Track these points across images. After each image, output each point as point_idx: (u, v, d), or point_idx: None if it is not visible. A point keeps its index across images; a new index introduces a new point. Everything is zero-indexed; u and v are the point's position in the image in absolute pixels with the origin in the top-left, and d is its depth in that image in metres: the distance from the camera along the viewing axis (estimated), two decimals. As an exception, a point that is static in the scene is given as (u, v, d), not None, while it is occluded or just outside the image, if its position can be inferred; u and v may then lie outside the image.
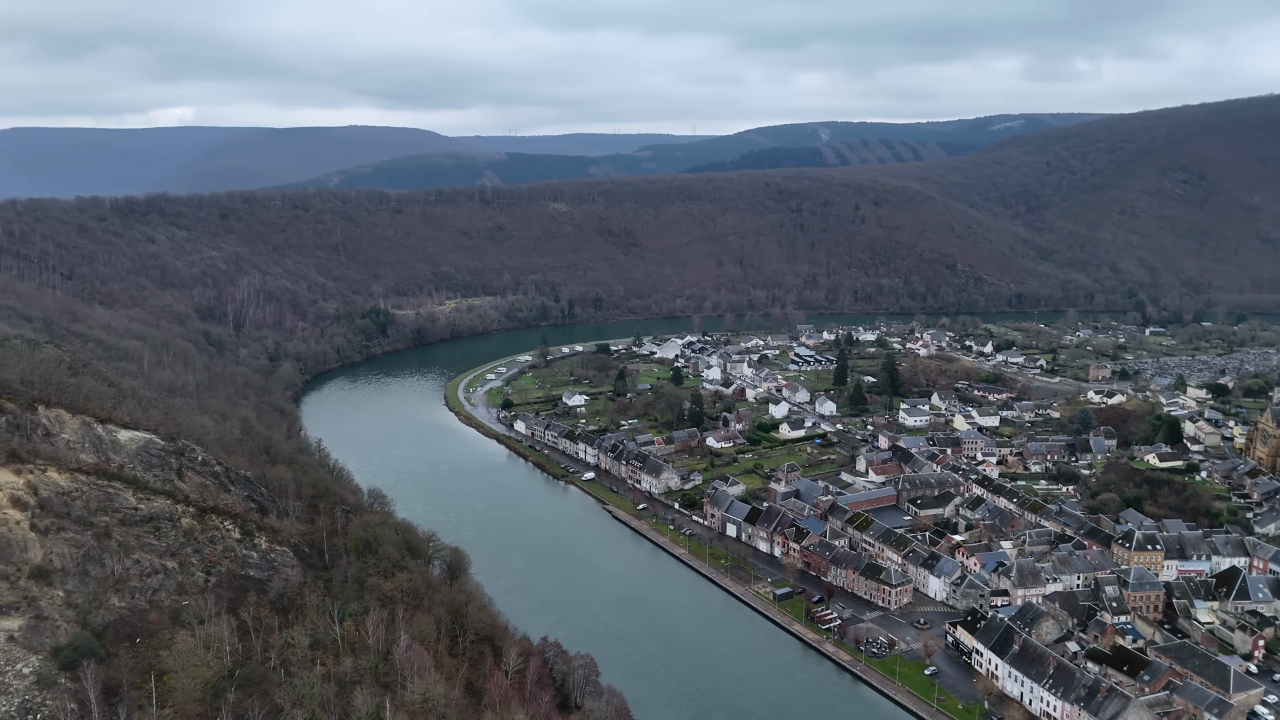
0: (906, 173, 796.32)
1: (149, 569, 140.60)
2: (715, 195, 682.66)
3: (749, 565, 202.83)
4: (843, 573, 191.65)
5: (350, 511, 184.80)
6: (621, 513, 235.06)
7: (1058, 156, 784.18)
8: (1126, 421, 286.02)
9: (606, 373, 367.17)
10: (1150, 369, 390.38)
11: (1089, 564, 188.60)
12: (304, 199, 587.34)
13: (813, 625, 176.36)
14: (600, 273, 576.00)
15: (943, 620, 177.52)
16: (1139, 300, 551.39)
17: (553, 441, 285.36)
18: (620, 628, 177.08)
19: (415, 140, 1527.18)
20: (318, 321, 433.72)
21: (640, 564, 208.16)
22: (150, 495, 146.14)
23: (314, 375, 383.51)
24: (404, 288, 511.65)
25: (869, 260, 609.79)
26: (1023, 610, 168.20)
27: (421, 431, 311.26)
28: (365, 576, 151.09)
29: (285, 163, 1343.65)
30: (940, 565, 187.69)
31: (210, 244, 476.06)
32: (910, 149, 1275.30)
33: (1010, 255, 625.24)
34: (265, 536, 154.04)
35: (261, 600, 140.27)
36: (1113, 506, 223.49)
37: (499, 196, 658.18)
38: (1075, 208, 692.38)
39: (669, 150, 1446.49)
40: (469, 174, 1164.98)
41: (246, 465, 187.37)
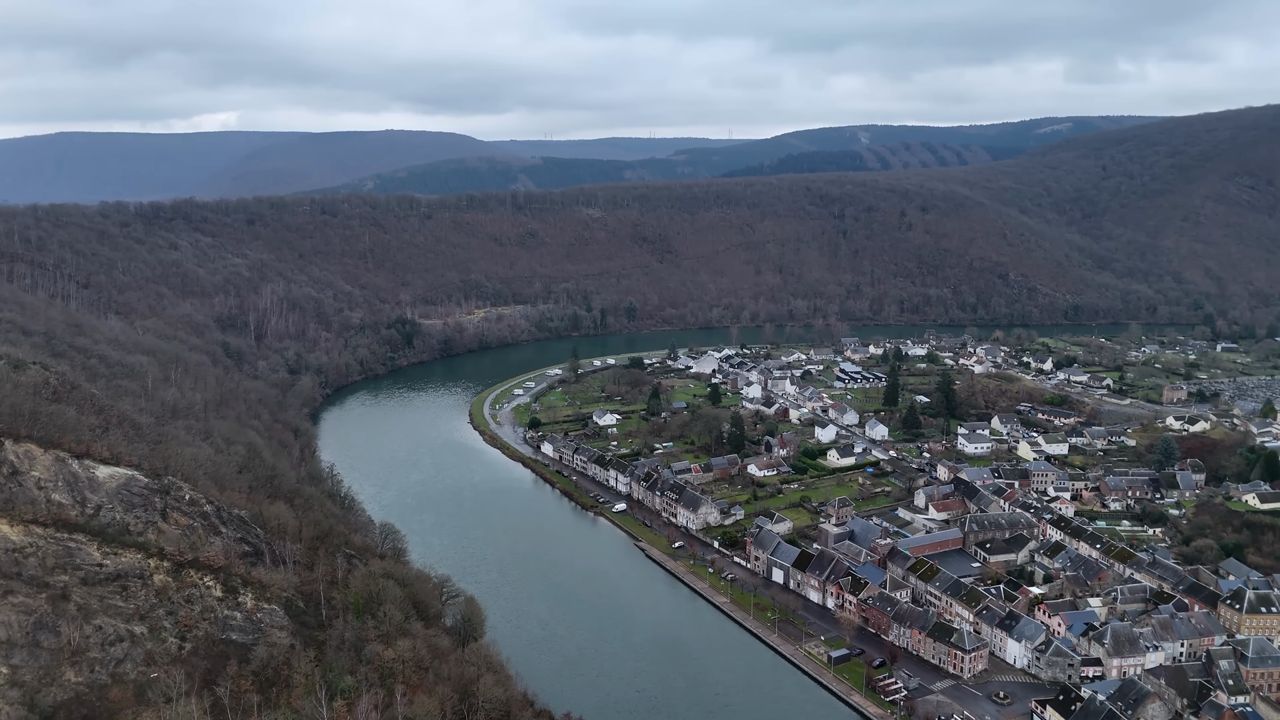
0: (953, 177, 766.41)
1: (112, 636, 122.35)
2: (754, 200, 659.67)
3: (798, 619, 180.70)
4: (907, 632, 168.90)
5: (355, 556, 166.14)
6: (655, 551, 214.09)
7: (1114, 160, 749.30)
8: (1214, 453, 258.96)
9: (639, 389, 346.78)
10: (1228, 390, 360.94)
11: (1194, 629, 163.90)
12: (333, 204, 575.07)
13: (874, 696, 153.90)
14: (634, 281, 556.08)
15: (1025, 694, 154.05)
16: (1207, 313, 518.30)
17: (581, 466, 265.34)
18: (656, 695, 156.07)
19: (451, 144, 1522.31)
20: (342, 331, 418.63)
21: (677, 614, 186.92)
22: (118, 549, 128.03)
23: (335, 389, 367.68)
24: (432, 296, 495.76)
25: (915, 269, 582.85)
26: (1123, 688, 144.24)
27: (444, 452, 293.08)
28: (364, 641, 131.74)
29: (322, 167, 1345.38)
30: (1020, 627, 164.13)
31: (235, 251, 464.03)
32: (954, 153, 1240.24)
33: (1066, 264, 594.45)
34: (251, 593, 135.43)
35: (243, 671, 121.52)
36: (1210, 555, 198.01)
37: (531, 202, 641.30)
38: (1134, 214, 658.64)
39: (705, 154, 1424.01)
40: (503, 178, 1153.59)
41: (242, 502, 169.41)
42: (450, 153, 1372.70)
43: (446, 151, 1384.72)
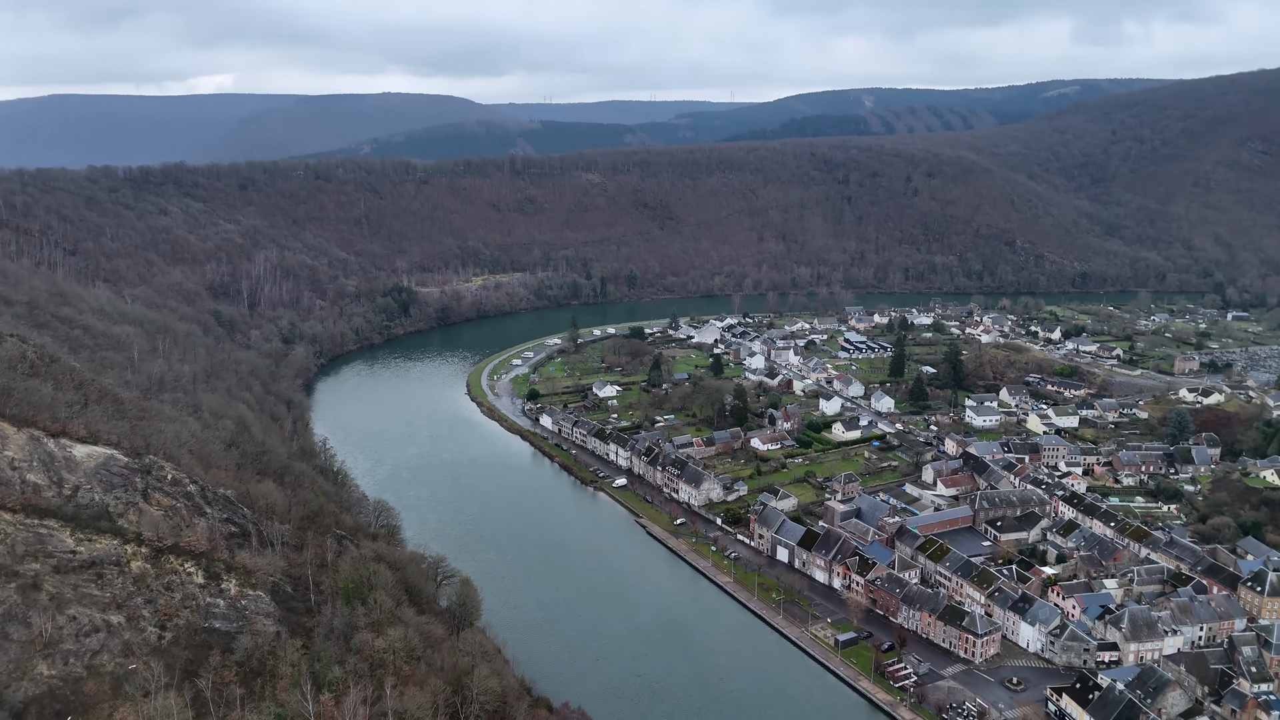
0: (960, 142, 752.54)
1: (87, 627, 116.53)
2: (756, 165, 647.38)
3: (804, 600, 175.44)
4: (916, 615, 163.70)
5: (346, 537, 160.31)
6: (657, 528, 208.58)
7: (1124, 125, 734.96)
8: (1229, 426, 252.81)
9: (640, 359, 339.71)
10: (1240, 360, 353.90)
11: (1214, 612, 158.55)
12: (327, 169, 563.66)
13: (883, 682, 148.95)
14: (634, 248, 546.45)
15: (1039, 680, 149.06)
16: (1217, 281, 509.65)
17: (581, 440, 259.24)
18: (658, 680, 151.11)
19: (449, 108, 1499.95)
20: (337, 300, 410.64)
21: (679, 594, 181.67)
22: (93, 535, 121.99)
23: (330, 359, 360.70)
24: (429, 263, 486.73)
25: (921, 236, 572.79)
26: (1142, 676, 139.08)
27: (440, 425, 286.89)
28: (354, 629, 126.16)
29: (319, 131, 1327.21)
30: (1034, 610, 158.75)
31: (227, 216, 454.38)
32: (960, 117, 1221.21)
33: (1074, 231, 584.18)
34: (235, 579, 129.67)
35: (226, 661, 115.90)
36: (1228, 534, 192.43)
37: (529, 167, 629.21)
38: (1144, 180, 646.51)
39: (707, 118, 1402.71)
40: (502, 143, 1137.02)
41: (229, 481, 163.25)
42: (448, 117, 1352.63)
43: (444, 115, 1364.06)
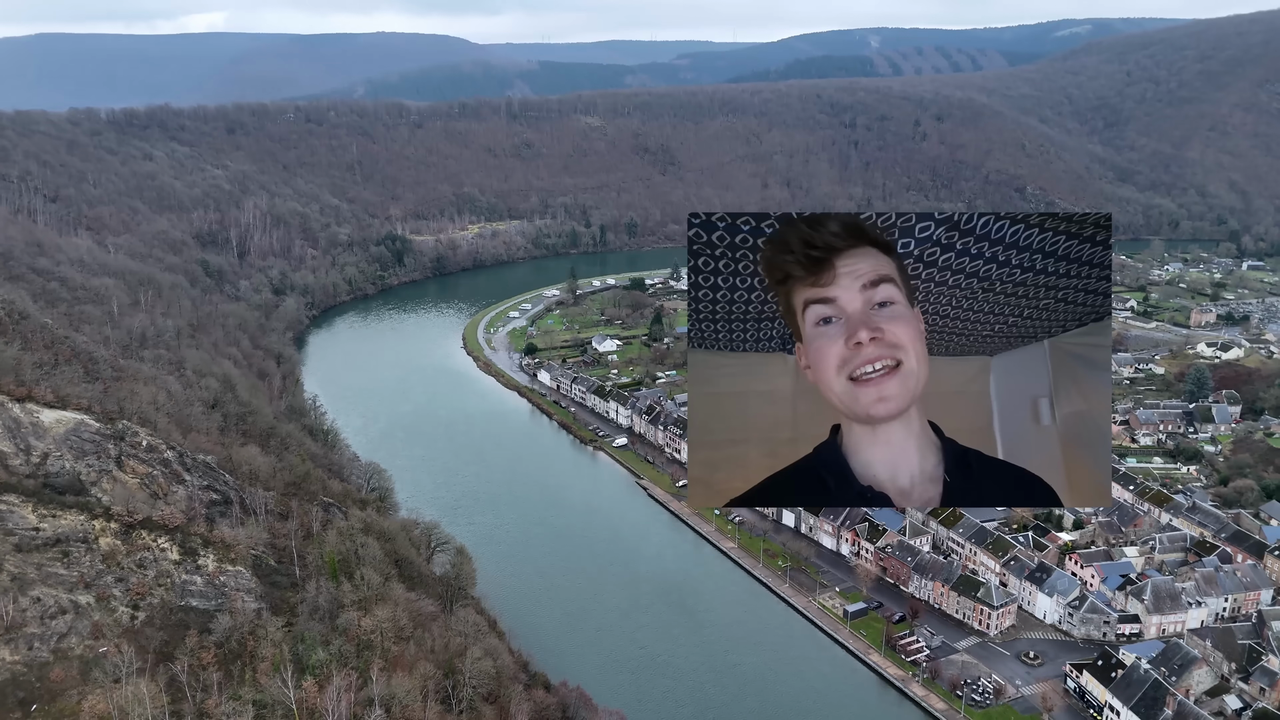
0: (970, 84, 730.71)
1: (53, 608, 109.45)
2: (761, 108, 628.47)
3: (811, 568, 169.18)
4: (929, 584, 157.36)
5: (333, 504, 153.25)
6: (658, 490, 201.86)
7: (1139, 66, 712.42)
8: (1250, 383, 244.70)
9: (641, 312, 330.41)
10: (1257, 312, 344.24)
11: (1240, 583, 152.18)
12: (318, 112, 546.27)
13: (894, 656, 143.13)
14: (635, 195, 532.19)
15: (1056, 654, 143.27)
16: (1233, 229, 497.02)
17: (580, 397, 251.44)
18: (660, 653, 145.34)
19: (445, 48, 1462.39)
20: (329, 249, 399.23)
21: (682, 560, 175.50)
22: (57, 511, 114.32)
23: (322, 310, 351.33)
24: (423, 211, 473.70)
25: (929, 182, 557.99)
26: (1166, 652, 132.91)
27: (436, 380, 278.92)
28: (340, 606, 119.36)
29: (312, 71, 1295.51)
30: (1052, 581, 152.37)
31: (214, 161, 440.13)
32: (968, 57, 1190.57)
33: (1086, 177, 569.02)
34: (213, 554, 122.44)
35: (204, 642, 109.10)
36: (1251, 497, 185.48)
37: (527, 110, 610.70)
38: (1159, 123, 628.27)
39: (709, 59, 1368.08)
40: (499, 84, 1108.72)
41: (210, 445, 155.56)
42: (443, 57, 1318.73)
43: (439, 55, 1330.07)
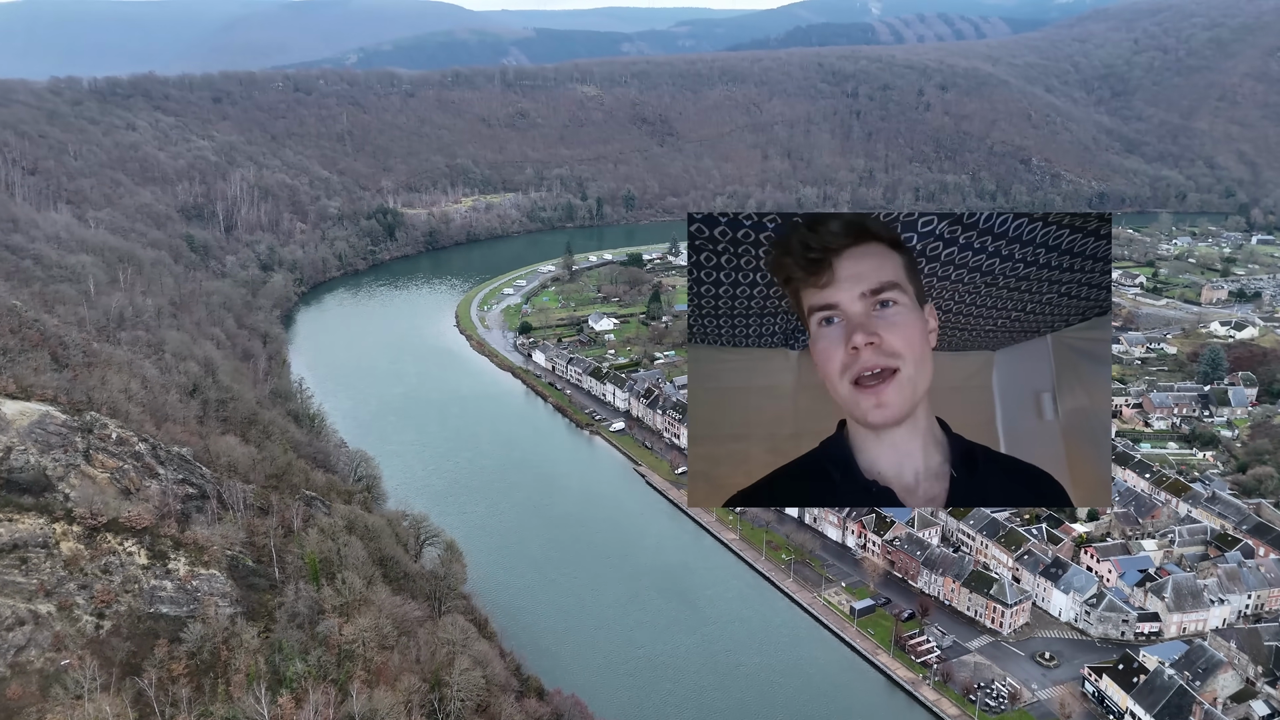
0: (975, 52, 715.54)
1: (10, 619, 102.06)
2: (761, 77, 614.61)
3: (816, 561, 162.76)
4: (939, 580, 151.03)
5: (316, 498, 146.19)
6: (657, 478, 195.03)
7: (1147, 33, 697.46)
8: (1266, 364, 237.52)
9: (638, 289, 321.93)
10: (1269, 288, 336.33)
11: (1263, 579, 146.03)
12: (307, 81, 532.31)
13: (904, 657, 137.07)
14: (633, 166, 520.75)
15: (1073, 655, 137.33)
16: (1241, 202, 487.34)
17: (576, 379, 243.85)
18: (660, 654, 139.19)
19: (439, 14, 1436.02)
20: (318, 223, 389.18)
21: (682, 553, 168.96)
22: (13, 514, 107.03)
23: (311, 286, 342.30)
24: (416, 183, 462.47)
25: (933, 154, 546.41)
26: (1190, 655, 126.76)
27: (428, 360, 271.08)
28: (321, 613, 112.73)
29: (304, 39, 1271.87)
30: (1068, 577, 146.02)
31: (200, 132, 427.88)
32: (971, 24, 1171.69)
33: (1093, 148, 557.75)
34: (185, 556, 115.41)
35: (174, 653, 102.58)
36: (1270, 485, 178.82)
37: (522, 78, 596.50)
38: (1167, 93, 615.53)
39: (708, 26, 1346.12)
40: (494, 52, 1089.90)
41: (186, 436, 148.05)
42: (438, 24, 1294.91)
43: (434, 22, 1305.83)
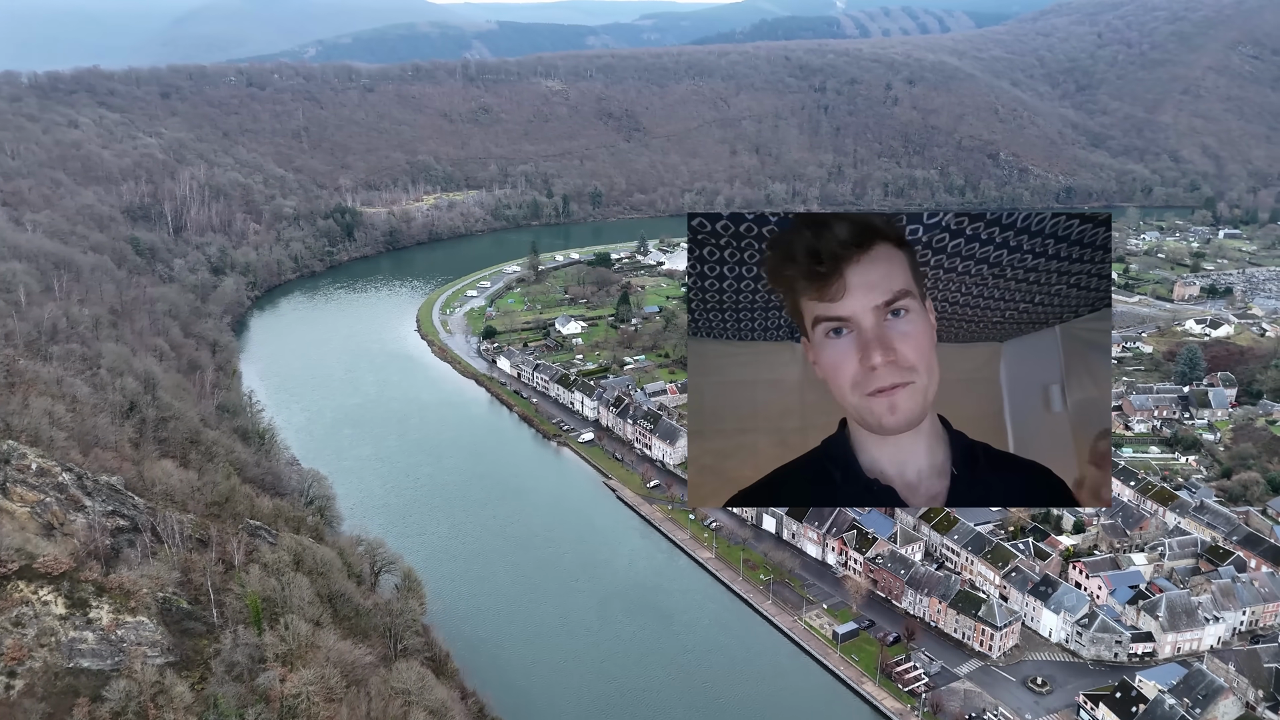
0: (941, 46, 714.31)
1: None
2: (728, 71, 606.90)
3: (795, 580, 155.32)
4: (924, 600, 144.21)
5: (261, 528, 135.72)
6: (628, 492, 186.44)
7: (1110, 27, 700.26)
8: (1243, 363, 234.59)
9: (606, 290, 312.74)
10: (1239, 284, 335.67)
11: (1258, 594, 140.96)
12: (261, 75, 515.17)
13: (890, 685, 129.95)
14: (599, 162, 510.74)
15: (1065, 678, 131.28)
16: (1208, 196, 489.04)
17: (543, 386, 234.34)
18: (634, 687, 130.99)
19: (401, 7, 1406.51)
20: (273, 223, 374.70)
21: (657, 575, 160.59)
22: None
23: (265, 290, 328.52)
24: (375, 180, 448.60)
25: (901, 149, 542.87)
26: (1189, 680, 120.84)
27: (387, 367, 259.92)
28: (261, 662, 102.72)
29: (263, 32, 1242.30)
30: (1058, 596, 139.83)
31: (147, 129, 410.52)
32: (935, 18, 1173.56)
33: (1059, 142, 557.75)
34: (109, 603, 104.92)
35: (96, 712, 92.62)
36: (1257, 492, 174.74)
37: (484, 72, 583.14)
38: (1131, 86, 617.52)
39: (673, 19, 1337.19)
40: (456, 45, 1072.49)
41: (117, 463, 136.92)
42: (398, 16, 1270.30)
43: (395, 15, 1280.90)
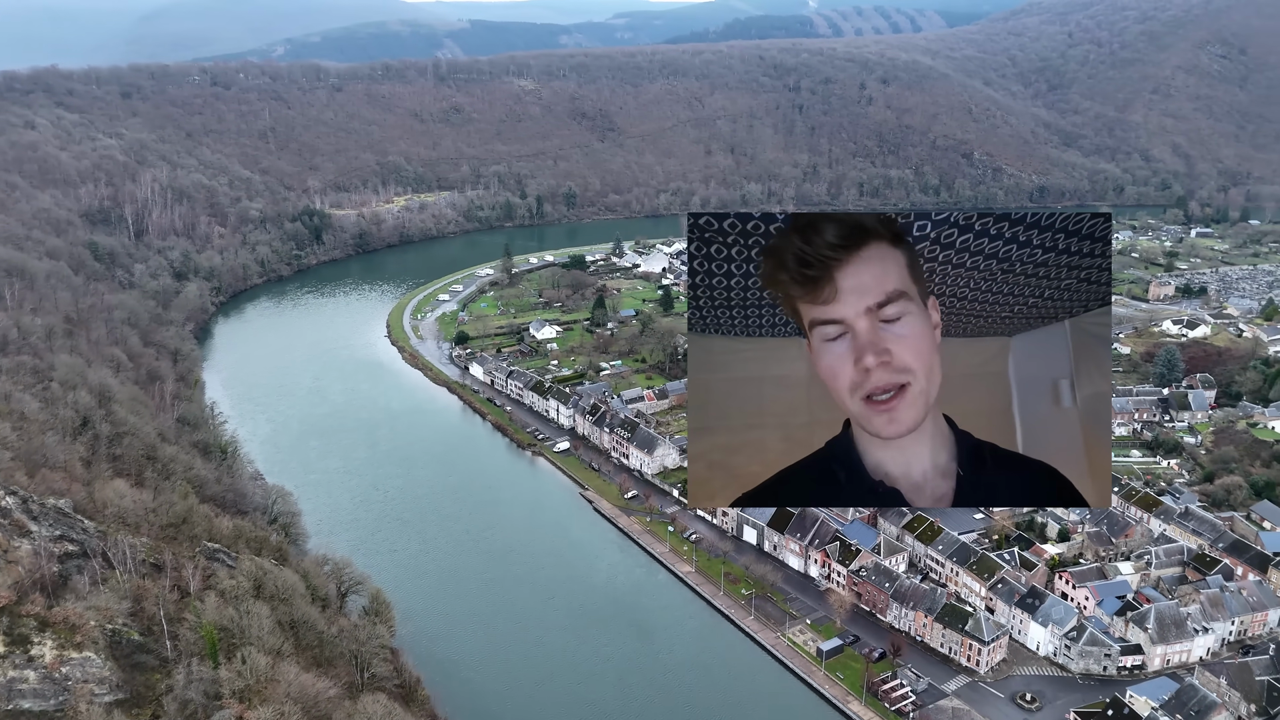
0: (915, 45, 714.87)
1: None
2: (702, 71, 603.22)
3: (778, 594, 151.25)
4: (910, 614, 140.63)
5: (220, 551, 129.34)
6: (605, 504, 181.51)
7: (1080, 26, 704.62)
8: (1221, 364, 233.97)
9: (582, 293, 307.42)
10: (1213, 283, 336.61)
11: (1246, 603, 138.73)
12: (226, 74, 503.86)
13: (877, 704, 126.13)
14: (573, 163, 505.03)
15: (1054, 694, 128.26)
16: (1179, 195, 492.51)
17: (517, 394, 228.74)
18: (617, 709, 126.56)
19: (371, 5, 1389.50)
20: (239, 226, 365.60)
21: (635, 591, 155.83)
22: None
23: (231, 295, 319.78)
24: (344, 182, 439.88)
25: (876, 148, 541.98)
26: (1181, 696, 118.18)
27: (356, 375, 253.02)
28: (217, 699, 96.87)
29: (231, 30, 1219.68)
30: (1045, 609, 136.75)
31: (107, 129, 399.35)
32: (908, 18, 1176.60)
33: (1032, 142, 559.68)
34: (53, 638, 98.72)
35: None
36: (1240, 496, 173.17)
37: (456, 72, 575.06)
38: (1103, 85, 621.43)
39: (646, 18, 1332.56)
40: (428, 44, 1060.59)
41: (65, 484, 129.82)
42: (369, 15, 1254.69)
43: (365, 13, 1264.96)
